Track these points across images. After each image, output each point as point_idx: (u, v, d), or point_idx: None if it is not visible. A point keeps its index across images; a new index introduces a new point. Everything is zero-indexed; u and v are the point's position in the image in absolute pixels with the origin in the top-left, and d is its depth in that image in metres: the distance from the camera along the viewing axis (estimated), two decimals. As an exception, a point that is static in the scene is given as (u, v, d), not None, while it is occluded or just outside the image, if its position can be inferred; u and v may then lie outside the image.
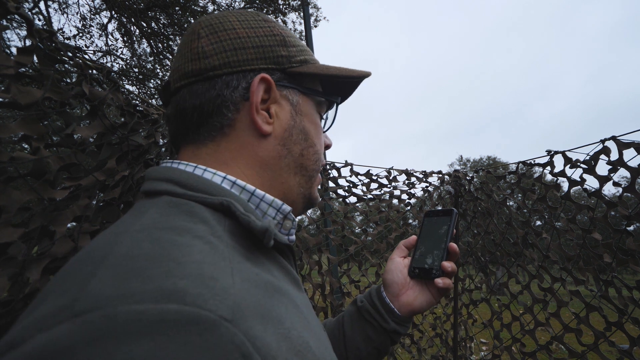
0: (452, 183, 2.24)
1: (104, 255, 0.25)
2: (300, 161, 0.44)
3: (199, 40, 0.40)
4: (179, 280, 0.23)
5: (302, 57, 0.44)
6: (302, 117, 0.45)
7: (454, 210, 0.60)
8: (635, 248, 1.31)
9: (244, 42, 0.41)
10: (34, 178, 0.66)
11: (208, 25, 0.41)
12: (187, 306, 0.21)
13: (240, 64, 0.40)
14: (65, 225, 0.69)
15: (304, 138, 0.44)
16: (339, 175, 1.82)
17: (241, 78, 0.40)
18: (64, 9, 5.30)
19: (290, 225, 0.42)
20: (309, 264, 1.61)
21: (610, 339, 1.39)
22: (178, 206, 0.32)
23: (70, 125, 0.72)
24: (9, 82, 0.62)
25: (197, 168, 0.38)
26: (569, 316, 1.56)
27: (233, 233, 0.33)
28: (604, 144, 1.39)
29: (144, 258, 0.24)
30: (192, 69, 0.40)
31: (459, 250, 0.57)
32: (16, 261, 0.61)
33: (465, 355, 2.22)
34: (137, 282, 0.22)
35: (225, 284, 0.25)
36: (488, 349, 4.22)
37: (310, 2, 6.45)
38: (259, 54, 0.41)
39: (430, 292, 0.58)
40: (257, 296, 0.27)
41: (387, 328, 0.57)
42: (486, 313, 2.42)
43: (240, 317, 0.23)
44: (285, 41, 0.43)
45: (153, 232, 0.27)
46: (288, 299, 0.31)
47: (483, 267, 2.21)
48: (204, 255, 0.26)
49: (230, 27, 0.41)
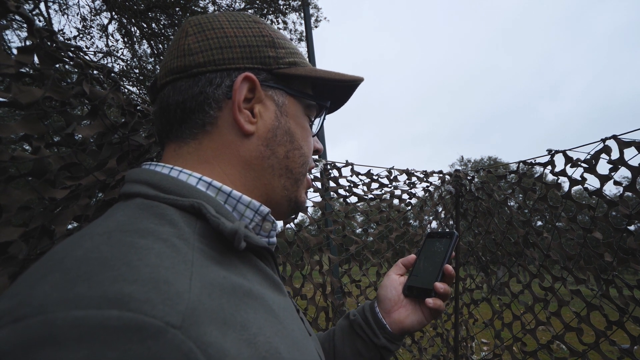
0: (453, 183, 2.23)
1: (61, 257, 0.25)
2: (285, 163, 0.43)
3: (187, 37, 0.41)
4: (128, 285, 0.22)
5: (291, 59, 0.44)
6: (288, 118, 0.44)
7: (455, 233, 0.61)
8: (636, 247, 1.31)
9: (230, 41, 0.41)
10: (35, 177, 0.66)
11: (197, 24, 0.42)
12: (130, 312, 0.21)
13: (225, 62, 0.40)
14: (66, 225, 0.69)
15: (289, 140, 0.44)
16: (340, 175, 1.82)
17: (225, 76, 0.40)
18: (64, 10, 5.30)
19: (270, 227, 0.41)
20: (309, 264, 1.61)
21: (611, 338, 1.39)
22: (148, 209, 0.32)
23: (70, 125, 0.72)
24: (9, 82, 0.62)
25: (172, 169, 0.38)
26: (570, 315, 1.56)
27: (204, 235, 0.32)
28: (604, 143, 1.39)
29: (97, 262, 0.24)
30: (177, 66, 0.40)
31: (454, 272, 0.57)
32: (17, 260, 0.61)
33: (466, 355, 2.21)
34: (84, 286, 0.22)
35: (179, 288, 0.24)
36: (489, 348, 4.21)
37: (311, 3, 6.46)
38: (245, 53, 0.41)
39: (423, 312, 0.57)
40: (221, 300, 0.26)
41: (378, 343, 0.56)
42: (487, 312, 2.42)
43: (192, 322, 0.23)
44: (274, 42, 0.43)
45: (114, 235, 0.27)
46: (260, 303, 0.30)
47: (484, 266, 2.21)
48: (162, 258, 0.26)
49: (218, 26, 0.41)
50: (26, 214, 0.64)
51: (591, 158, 1.44)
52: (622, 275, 1.41)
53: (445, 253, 0.59)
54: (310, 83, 0.48)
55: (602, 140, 1.40)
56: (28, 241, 0.64)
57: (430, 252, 0.61)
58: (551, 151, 1.61)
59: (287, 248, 1.54)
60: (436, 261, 0.59)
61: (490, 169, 2.14)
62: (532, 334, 1.70)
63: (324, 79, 0.44)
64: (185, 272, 0.26)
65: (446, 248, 0.59)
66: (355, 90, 0.52)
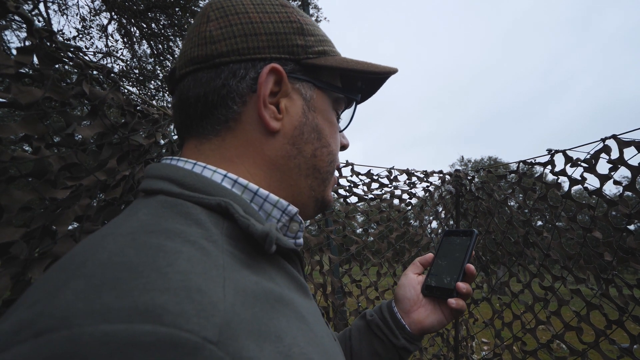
0: (453, 183, 2.24)
1: (83, 261, 0.23)
2: (313, 162, 0.41)
3: (208, 23, 0.37)
4: (159, 294, 0.20)
5: (320, 47, 0.40)
6: (316, 114, 0.41)
7: (474, 232, 0.58)
8: (635, 246, 1.31)
9: (256, 27, 0.37)
10: (36, 178, 0.66)
11: (219, 7, 0.38)
12: (164, 326, 0.19)
13: (250, 51, 0.37)
14: (67, 225, 0.69)
15: (317, 137, 0.41)
16: (340, 175, 1.82)
17: (250, 67, 0.37)
18: (64, 10, 5.30)
19: (297, 227, 0.39)
20: (310, 264, 1.61)
21: (611, 337, 1.39)
22: (173, 207, 0.30)
23: (71, 125, 0.72)
24: (9, 82, 0.62)
25: (196, 165, 0.35)
26: (570, 315, 1.56)
27: (232, 237, 0.30)
28: (604, 142, 1.39)
29: (124, 267, 0.22)
30: (198, 55, 0.37)
31: (476, 272, 0.55)
32: (18, 260, 0.61)
33: (466, 354, 2.22)
34: (112, 296, 0.20)
35: (214, 297, 0.22)
36: (489, 348, 4.21)
37: (311, 3, 6.46)
38: (272, 42, 0.37)
39: (443, 312, 0.55)
40: (254, 309, 0.25)
41: (397, 344, 0.54)
42: (487, 312, 2.42)
43: (230, 336, 0.21)
44: (302, 29, 0.39)
45: (140, 236, 0.25)
46: (291, 309, 0.29)
47: (484, 266, 2.21)
48: (192, 263, 0.24)
49: (242, 11, 0.37)
50: (27, 214, 0.64)
51: (591, 158, 1.44)
52: (622, 275, 1.41)
53: (466, 252, 0.56)
54: (339, 74, 0.44)
55: (601, 140, 1.40)
56: (29, 241, 0.64)
57: (449, 251, 0.59)
58: (551, 151, 1.61)
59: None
60: (456, 260, 0.57)
61: (491, 168, 2.14)
62: (532, 334, 1.70)
63: (356, 70, 0.41)
64: (218, 279, 0.24)
65: (466, 246, 0.57)
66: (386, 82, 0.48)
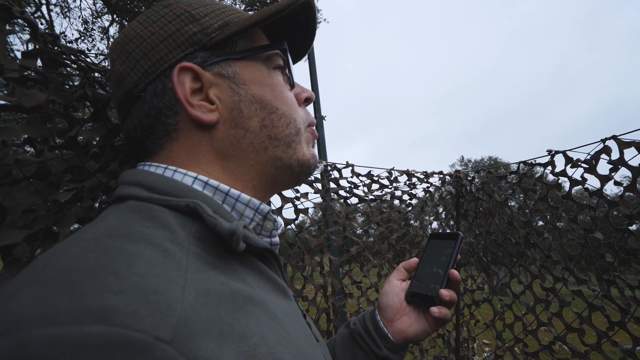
0: (453, 183, 2.24)
1: (43, 267, 0.23)
2: (266, 133, 0.39)
3: (114, 64, 0.39)
4: (113, 296, 0.20)
5: (219, 22, 0.39)
6: (248, 85, 0.39)
7: (459, 234, 0.56)
8: (637, 247, 1.31)
9: (150, 42, 0.37)
10: (38, 180, 0.66)
11: (117, 45, 0.39)
12: (114, 327, 0.19)
13: (156, 66, 0.37)
14: (69, 227, 0.70)
15: (259, 107, 0.39)
16: (340, 176, 1.83)
17: (164, 79, 0.37)
18: (66, 13, 5.33)
19: (272, 226, 0.38)
20: (310, 265, 1.62)
21: (613, 339, 1.39)
22: (140, 211, 0.30)
23: (73, 128, 0.73)
24: (13, 86, 0.62)
25: (167, 169, 0.36)
26: (572, 316, 1.55)
27: (200, 238, 0.30)
28: (604, 143, 1.39)
29: (82, 271, 0.22)
30: (121, 97, 0.39)
31: (460, 278, 0.53)
32: (21, 262, 0.61)
33: (467, 356, 2.21)
34: (65, 299, 0.20)
35: (171, 298, 0.22)
36: (491, 349, 4.20)
37: (311, 4, 6.47)
38: (170, 45, 0.37)
39: (427, 321, 0.53)
40: (218, 309, 0.24)
41: (379, 354, 0.53)
42: (488, 313, 2.42)
43: (185, 336, 0.21)
44: (192, 16, 0.38)
45: (103, 241, 0.25)
46: (262, 309, 0.28)
47: (485, 267, 2.21)
48: (152, 265, 0.24)
49: (134, 35, 0.38)
50: (30, 216, 0.64)
51: (591, 158, 1.44)
52: (624, 276, 1.40)
53: (450, 256, 0.54)
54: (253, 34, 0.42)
55: (602, 140, 1.40)
56: (32, 243, 0.64)
57: (434, 255, 0.57)
58: (551, 151, 1.61)
59: (287, 249, 1.54)
60: (440, 265, 0.54)
61: (491, 169, 2.14)
62: (534, 335, 1.70)
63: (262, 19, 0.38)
64: (177, 280, 0.24)
65: (451, 251, 0.55)
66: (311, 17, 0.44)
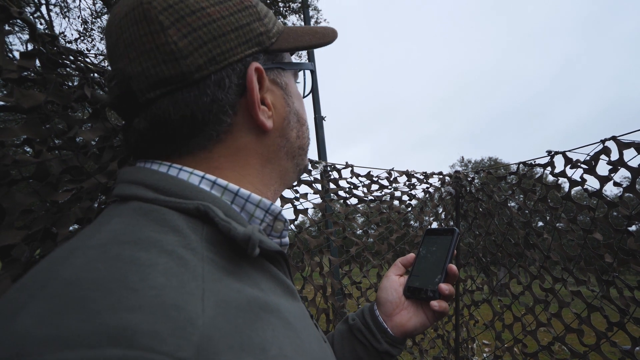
0: (453, 184, 2.24)
1: (46, 279, 0.21)
2: (298, 144, 0.41)
3: (165, 31, 0.31)
4: (129, 314, 0.19)
5: (276, 27, 0.38)
6: (293, 98, 0.40)
7: (455, 230, 0.57)
8: (636, 248, 1.31)
9: (220, 26, 0.32)
10: (37, 181, 0.66)
11: (167, 6, 0.31)
12: (135, 350, 0.17)
13: (225, 55, 0.33)
14: (68, 227, 0.70)
15: (297, 120, 0.40)
16: (340, 176, 1.83)
17: (231, 73, 0.33)
18: (65, 13, 5.33)
19: (282, 226, 0.37)
20: (310, 266, 1.62)
21: (612, 340, 1.39)
22: (147, 214, 0.28)
23: (72, 129, 0.73)
24: (12, 86, 0.62)
25: (171, 167, 0.33)
26: (571, 317, 1.55)
27: (212, 242, 0.28)
28: (604, 144, 1.39)
29: (91, 285, 0.20)
30: (171, 75, 0.31)
31: (458, 272, 0.54)
32: (19, 263, 0.61)
33: (467, 356, 2.21)
34: (76, 319, 0.18)
35: (191, 313, 0.21)
36: (490, 350, 4.20)
37: (311, 5, 6.48)
38: (240, 38, 0.34)
39: (425, 315, 0.54)
40: (236, 321, 0.23)
41: (379, 349, 0.53)
42: (488, 314, 2.42)
43: (209, 353, 0.20)
44: (257, 13, 0.36)
45: (111, 249, 0.23)
46: (277, 317, 0.27)
47: (484, 267, 2.21)
48: (168, 276, 0.22)
49: (197, 7, 0.32)
50: (29, 216, 0.64)
51: (591, 159, 1.44)
52: (624, 276, 1.41)
53: (447, 251, 0.55)
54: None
55: (601, 141, 1.40)
56: (30, 244, 0.64)
57: (431, 251, 0.58)
58: (551, 152, 1.61)
59: (287, 249, 1.55)
60: (438, 260, 0.55)
61: (491, 170, 2.14)
62: (533, 335, 1.70)
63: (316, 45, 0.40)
64: (196, 292, 0.23)
65: (448, 246, 0.55)
66: None
